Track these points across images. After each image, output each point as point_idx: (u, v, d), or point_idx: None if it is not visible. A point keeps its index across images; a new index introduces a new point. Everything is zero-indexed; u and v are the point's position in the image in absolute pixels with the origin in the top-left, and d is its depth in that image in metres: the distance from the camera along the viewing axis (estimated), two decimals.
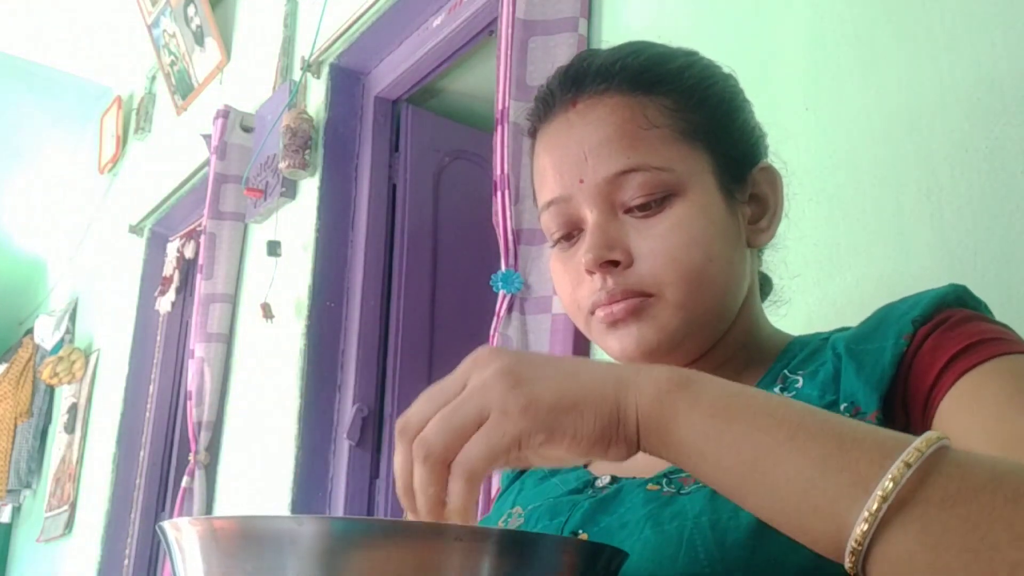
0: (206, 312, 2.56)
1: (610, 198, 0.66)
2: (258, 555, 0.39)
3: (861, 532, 0.38)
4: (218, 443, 2.50)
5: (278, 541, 0.38)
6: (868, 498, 0.38)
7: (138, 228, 3.50)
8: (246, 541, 0.39)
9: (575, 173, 0.67)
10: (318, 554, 0.38)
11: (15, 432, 4.20)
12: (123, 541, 3.07)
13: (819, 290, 1.06)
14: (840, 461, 0.40)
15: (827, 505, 0.39)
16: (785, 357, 0.67)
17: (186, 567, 0.42)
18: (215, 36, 3.08)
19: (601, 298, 0.65)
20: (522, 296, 1.44)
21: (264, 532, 0.39)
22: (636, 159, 0.65)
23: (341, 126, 2.38)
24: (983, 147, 0.95)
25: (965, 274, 0.93)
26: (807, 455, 0.41)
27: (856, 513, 0.38)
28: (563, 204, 0.68)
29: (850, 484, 0.39)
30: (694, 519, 0.54)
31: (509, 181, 1.45)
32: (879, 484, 0.38)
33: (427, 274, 2.33)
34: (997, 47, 0.96)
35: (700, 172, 0.67)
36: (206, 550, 0.40)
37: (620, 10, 1.50)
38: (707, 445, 0.44)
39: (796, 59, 1.17)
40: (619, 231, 0.66)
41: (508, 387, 0.45)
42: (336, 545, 0.38)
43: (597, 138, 0.66)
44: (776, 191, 0.72)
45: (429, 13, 2.17)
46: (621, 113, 0.67)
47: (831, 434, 0.41)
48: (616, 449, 0.46)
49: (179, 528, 0.42)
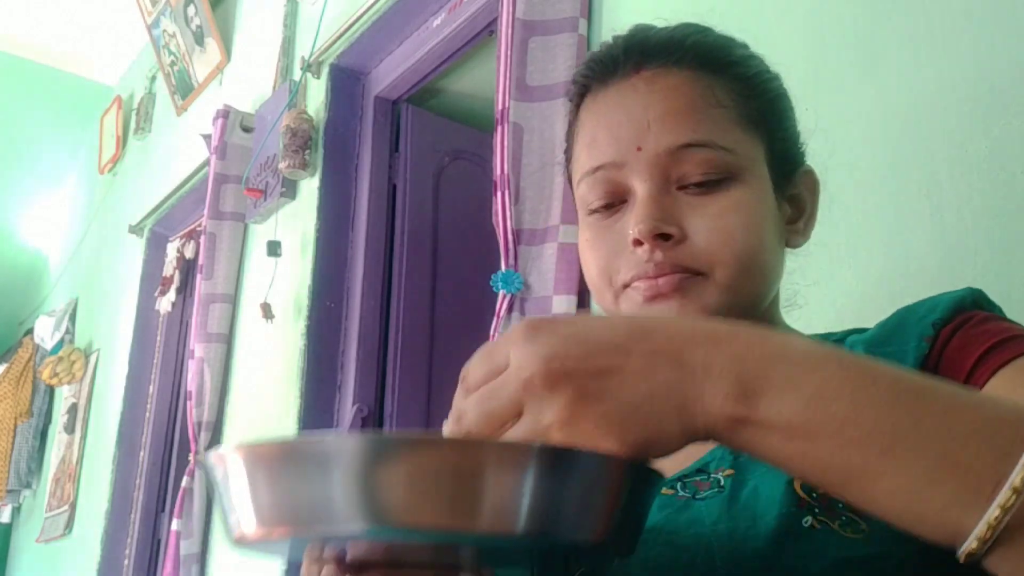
0: (206, 312, 2.56)
1: (666, 171, 0.63)
2: (303, 474, 0.40)
3: (977, 543, 0.36)
4: (218, 443, 2.49)
5: (322, 460, 0.40)
6: (988, 507, 0.36)
7: (138, 228, 3.50)
8: (291, 462, 0.40)
9: (634, 140, 0.64)
10: (358, 470, 0.39)
11: (15, 432, 4.19)
12: (123, 541, 3.07)
13: (819, 290, 1.06)
14: (949, 470, 0.37)
15: (939, 514, 0.37)
16: None
17: (232, 494, 0.43)
18: (215, 36, 3.08)
19: (648, 270, 0.62)
20: (522, 296, 1.44)
21: (308, 452, 0.40)
22: (703, 135, 0.63)
23: (341, 126, 2.38)
24: (983, 147, 0.95)
25: (965, 274, 0.93)
26: (909, 470, 0.37)
27: (973, 520, 0.36)
28: (612, 171, 0.65)
29: (963, 492, 0.36)
30: (711, 527, 0.53)
31: (509, 181, 1.45)
32: (1000, 494, 0.35)
33: (427, 274, 2.33)
34: (997, 47, 0.96)
35: (758, 161, 0.66)
36: (252, 474, 0.42)
37: (620, 10, 1.50)
38: (792, 465, 0.40)
39: (796, 59, 1.17)
40: (673, 206, 0.63)
41: (548, 386, 0.41)
42: (377, 459, 0.39)
43: (664, 107, 0.64)
44: (814, 196, 0.72)
45: (429, 13, 2.18)
46: (691, 87, 0.65)
47: (933, 436, 0.37)
48: (683, 452, 0.43)
49: (224, 457, 0.43)
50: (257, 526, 0.42)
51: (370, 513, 0.39)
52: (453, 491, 0.39)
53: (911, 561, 0.48)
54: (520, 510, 0.39)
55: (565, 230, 1.42)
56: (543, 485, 0.40)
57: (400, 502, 0.39)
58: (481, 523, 0.39)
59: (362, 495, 0.39)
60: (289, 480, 0.40)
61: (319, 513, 0.40)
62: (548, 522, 0.40)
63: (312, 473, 0.40)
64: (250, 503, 0.42)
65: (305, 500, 0.40)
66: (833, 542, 0.47)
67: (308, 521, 0.40)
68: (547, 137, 1.46)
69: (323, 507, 0.40)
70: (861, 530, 0.49)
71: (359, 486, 0.39)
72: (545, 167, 1.46)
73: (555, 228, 1.43)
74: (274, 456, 0.41)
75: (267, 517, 0.41)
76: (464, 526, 0.39)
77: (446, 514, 0.39)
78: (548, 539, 0.41)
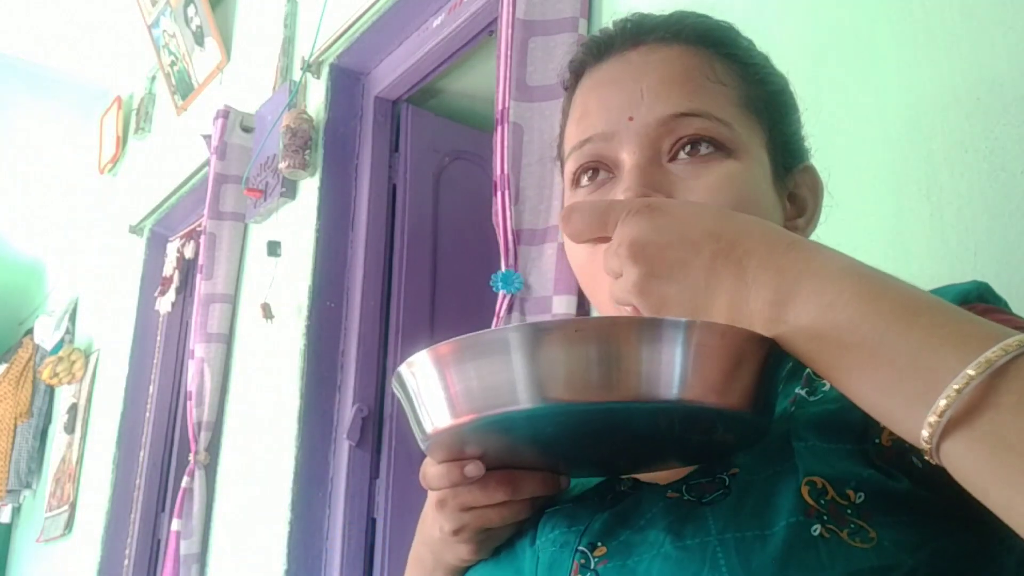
0: (206, 312, 2.56)
1: (657, 143, 0.61)
2: (485, 362, 0.47)
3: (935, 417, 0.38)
4: (218, 443, 2.50)
5: (500, 347, 0.46)
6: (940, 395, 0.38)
7: (138, 228, 3.50)
8: (473, 354, 0.47)
9: (625, 110, 0.62)
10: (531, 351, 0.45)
11: (15, 432, 4.20)
12: (123, 541, 3.07)
13: None
14: (915, 375, 0.40)
15: (902, 410, 0.41)
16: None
17: (428, 393, 0.49)
18: (215, 36, 3.08)
19: None
20: (522, 296, 1.44)
21: (487, 343, 0.47)
22: (698, 104, 0.61)
23: (341, 126, 2.38)
24: (983, 147, 0.95)
25: (965, 274, 0.93)
26: (886, 371, 0.42)
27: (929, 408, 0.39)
28: (600, 144, 0.63)
29: (926, 389, 0.39)
30: (718, 535, 0.51)
31: (509, 181, 1.45)
32: (981, 356, 0.38)
33: (427, 274, 2.33)
34: (997, 47, 0.96)
35: (756, 143, 0.63)
36: (442, 370, 0.48)
37: (620, 10, 1.50)
38: (807, 359, 0.46)
39: (796, 59, 1.17)
40: (663, 177, 0.61)
41: (630, 259, 0.50)
42: (537, 341, 0.45)
43: (659, 76, 0.62)
44: (816, 195, 0.70)
45: (429, 13, 2.18)
46: (689, 59, 0.63)
47: (911, 349, 0.41)
48: None
49: (414, 363, 0.49)
50: (452, 416, 0.48)
51: (542, 392, 0.45)
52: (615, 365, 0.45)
53: (920, 571, 0.47)
54: (672, 378, 0.45)
55: None
56: (692, 354, 0.46)
57: (568, 379, 0.45)
58: (644, 389, 0.45)
59: (535, 376, 0.45)
60: (472, 370, 0.47)
61: (502, 393, 0.46)
62: (698, 388, 0.46)
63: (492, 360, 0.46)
64: (442, 398, 0.48)
65: (487, 385, 0.46)
66: (842, 553, 0.47)
67: (493, 403, 0.46)
68: (547, 137, 1.46)
69: (504, 390, 0.46)
70: (870, 539, 0.48)
71: (532, 368, 0.45)
72: (545, 167, 1.46)
73: (555, 228, 1.43)
74: (458, 352, 0.48)
75: (453, 406, 0.48)
76: (625, 395, 0.45)
77: (605, 386, 0.45)
78: (699, 403, 0.46)
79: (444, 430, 0.49)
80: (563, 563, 0.57)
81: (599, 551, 0.56)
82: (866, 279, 0.45)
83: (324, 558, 2.10)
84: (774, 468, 0.53)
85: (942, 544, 0.49)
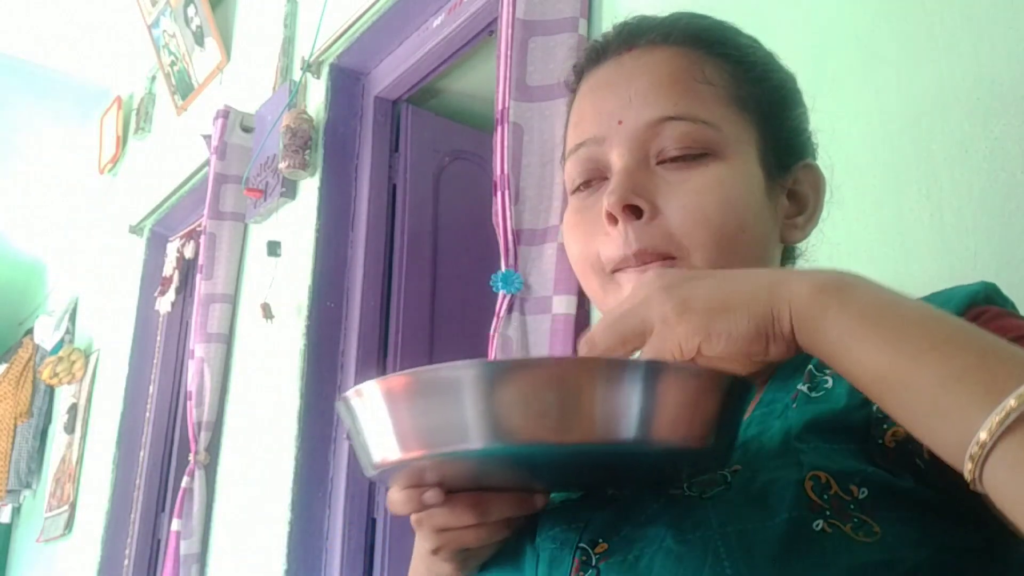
0: (206, 312, 2.56)
1: (645, 146, 0.63)
2: (433, 399, 0.45)
3: (984, 436, 0.38)
4: (218, 443, 2.50)
5: (452, 385, 0.45)
6: (998, 406, 0.38)
7: (138, 228, 3.50)
8: (426, 389, 0.46)
9: (615, 114, 0.63)
10: (483, 391, 0.44)
11: (15, 432, 4.19)
12: (123, 541, 3.07)
13: None
14: (979, 373, 0.40)
15: (957, 410, 0.40)
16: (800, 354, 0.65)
17: (377, 425, 0.47)
18: (215, 36, 3.08)
19: (627, 259, 0.61)
20: (522, 296, 1.44)
21: (438, 380, 0.45)
22: (683, 108, 0.62)
23: (341, 126, 2.38)
24: (983, 147, 0.95)
25: (965, 274, 0.93)
26: (947, 364, 0.41)
27: (984, 419, 0.39)
28: (593, 147, 0.64)
29: (984, 393, 0.39)
30: (719, 528, 0.52)
31: (509, 181, 1.45)
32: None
33: (427, 274, 2.33)
34: (997, 47, 0.96)
35: (746, 142, 0.64)
36: (391, 402, 0.47)
37: (620, 10, 1.50)
38: (853, 343, 0.45)
39: (796, 59, 1.17)
40: (649, 180, 0.62)
41: (666, 298, 0.48)
42: (498, 381, 0.44)
43: (647, 81, 0.63)
44: (817, 193, 0.70)
45: (429, 13, 2.17)
46: (677, 61, 0.64)
47: (976, 347, 0.42)
48: (775, 346, 0.48)
49: (363, 392, 0.48)
50: (400, 450, 0.47)
51: (495, 432, 0.44)
52: (571, 406, 0.44)
53: (924, 567, 0.47)
54: (629, 418, 0.45)
55: None
56: (648, 396, 0.45)
57: (523, 419, 0.44)
58: (599, 432, 0.44)
59: (489, 415, 0.44)
60: (423, 406, 0.45)
61: (449, 434, 0.45)
62: (654, 430, 0.45)
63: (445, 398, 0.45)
64: (391, 431, 0.47)
65: (439, 423, 0.45)
66: (845, 547, 0.47)
67: (439, 443, 0.45)
68: (547, 137, 1.46)
69: (453, 427, 0.45)
70: (873, 533, 0.48)
71: (486, 407, 0.44)
72: (545, 167, 1.46)
73: (555, 228, 1.43)
74: (410, 386, 0.46)
75: (403, 441, 0.46)
76: (581, 438, 0.44)
77: (561, 428, 0.44)
78: (654, 446, 0.46)
79: (393, 463, 0.48)
80: (563, 561, 0.57)
81: (600, 547, 0.56)
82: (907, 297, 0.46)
83: (324, 558, 2.10)
84: (776, 464, 0.53)
85: (946, 540, 0.49)
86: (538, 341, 1.40)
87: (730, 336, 0.47)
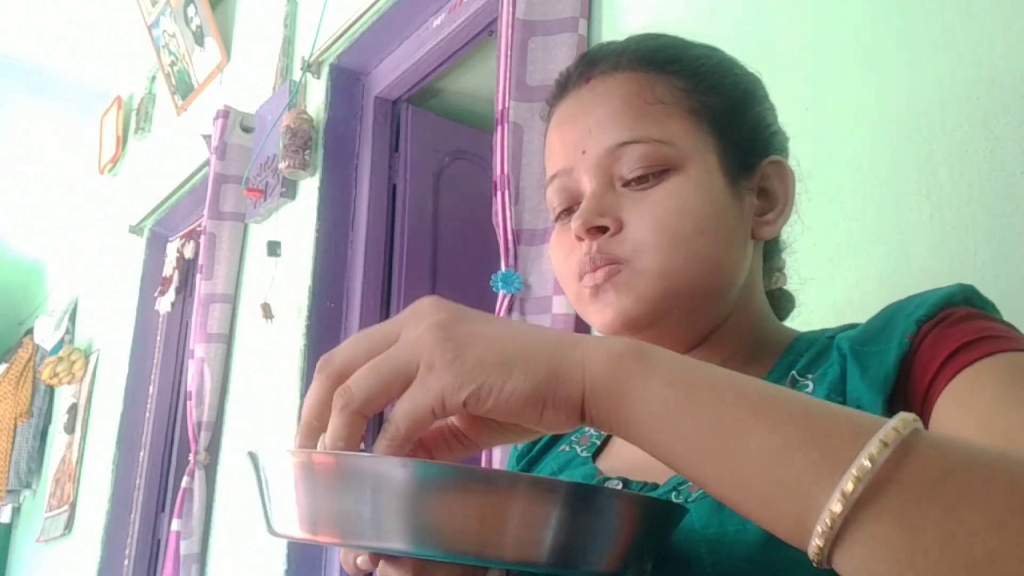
0: (206, 312, 2.56)
1: (609, 170, 0.67)
2: (346, 488, 0.43)
3: (834, 513, 0.35)
4: (218, 443, 2.50)
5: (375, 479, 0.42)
6: (841, 476, 0.36)
7: (138, 228, 3.51)
8: (339, 475, 0.43)
9: (579, 144, 0.68)
10: (402, 491, 0.42)
11: (15, 432, 4.19)
12: (123, 541, 3.07)
13: (819, 290, 1.06)
14: (810, 436, 0.38)
15: (793, 482, 0.37)
16: (791, 354, 0.66)
17: (287, 498, 0.45)
18: (215, 36, 3.08)
19: (586, 265, 0.65)
20: (522, 296, 1.44)
21: (357, 469, 0.43)
22: (638, 132, 0.66)
23: (341, 126, 2.38)
24: (983, 147, 0.95)
25: (965, 274, 0.93)
26: (774, 429, 0.38)
27: (827, 493, 0.36)
28: (565, 177, 0.69)
29: (820, 460, 0.37)
30: (700, 531, 0.53)
31: (509, 181, 1.45)
32: (854, 463, 0.36)
33: (427, 274, 2.33)
34: (997, 47, 0.96)
35: (703, 151, 0.67)
36: (299, 479, 0.44)
37: (620, 10, 1.50)
38: (664, 416, 0.41)
39: (796, 59, 1.17)
40: (614, 201, 0.66)
41: (437, 341, 0.43)
42: (419, 485, 0.42)
43: (602, 111, 0.67)
44: (786, 186, 0.72)
45: (429, 13, 2.18)
46: (628, 87, 0.68)
47: (800, 410, 0.39)
48: (553, 413, 0.43)
49: (276, 459, 0.45)
50: (301, 530, 0.44)
51: (410, 535, 0.42)
52: (489, 523, 0.42)
53: None
54: (545, 543, 0.43)
55: None
56: (567, 519, 0.43)
57: (441, 528, 0.42)
58: (510, 553, 0.42)
59: (406, 518, 0.42)
60: (340, 493, 0.43)
61: (363, 528, 0.42)
62: (570, 554, 0.43)
63: (361, 490, 0.42)
64: (296, 507, 0.44)
65: (352, 515, 0.42)
66: None
67: (350, 534, 0.43)
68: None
69: (369, 523, 0.42)
70: None
71: (404, 509, 0.41)
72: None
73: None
74: (329, 468, 0.43)
75: (314, 523, 0.44)
76: (494, 555, 0.42)
77: (478, 543, 0.42)
78: (569, 569, 0.44)
79: (296, 539, 0.45)
80: None
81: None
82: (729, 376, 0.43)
83: (324, 558, 2.10)
84: None
85: None
86: None
87: (501, 394, 0.42)
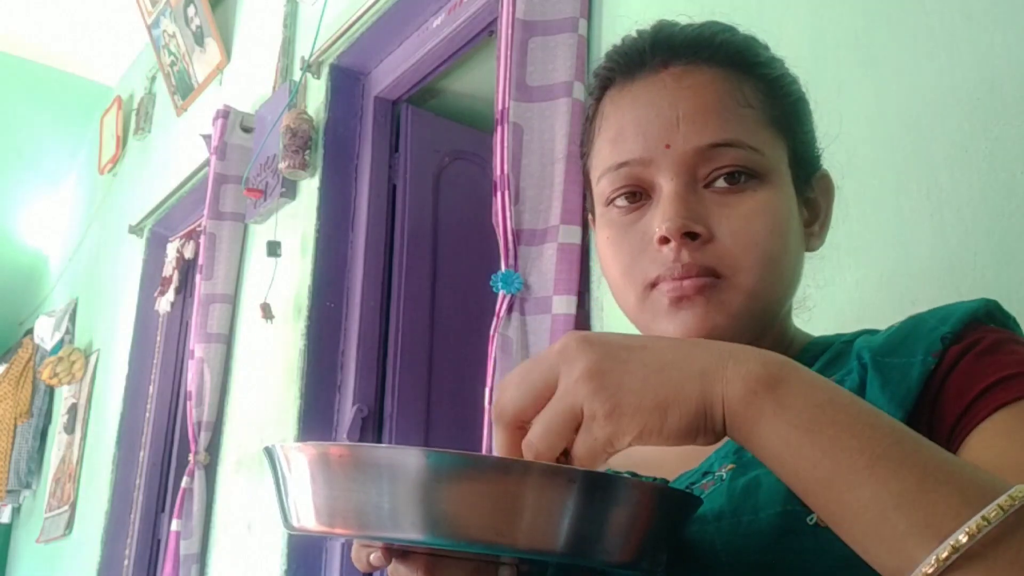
0: (206, 312, 2.56)
1: (694, 170, 0.63)
2: (362, 479, 0.43)
3: (930, 571, 0.38)
4: (218, 443, 2.50)
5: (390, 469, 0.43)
6: (939, 545, 0.38)
7: (138, 228, 3.50)
8: (356, 466, 0.44)
9: (662, 137, 0.64)
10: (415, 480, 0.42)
11: (15, 432, 4.19)
12: (123, 541, 3.07)
13: (819, 291, 1.06)
14: (918, 499, 0.40)
15: (895, 540, 0.40)
16: (805, 357, 0.66)
17: (303, 490, 0.46)
18: (215, 36, 3.08)
19: (674, 271, 0.62)
20: (522, 296, 1.44)
21: (378, 460, 0.43)
22: (732, 134, 0.63)
23: (341, 126, 2.38)
24: (983, 147, 0.95)
25: (965, 274, 0.93)
26: (885, 486, 0.41)
27: (923, 555, 0.39)
28: (638, 167, 0.65)
29: (923, 525, 0.39)
30: (714, 522, 0.54)
31: (509, 181, 1.45)
32: (954, 535, 0.38)
33: (427, 274, 2.33)
34: (997, 47, 0.96)
35: (782, 163, 0.66)
36: (316, 472, 0.45)
37: (620, 10, 1.50)
38: (787, 454, 0.44)
39: (796, 59, 1.17)
40: (700, 204, 0.63)
41: (594, 392, 0.46)
42: (435, 474, 0.42)
43: (694, 105, 0.64)
44: (829, 200, 0.72)
45: (429, 13, 2.17)
46: (720, 85, 0.65)
47: (914, 468, 0.41)
48: (703, 439, 0.47)
49: (293, 452, 0.46)
50: (317, 522, 0.45)
51: (426, 524, 0.42)
52: (504, 511, 0.43)
53: None
54: (560, 532, 0.43)
55: (565, 230, 1.42)
56: (583, 508, 0.44)
57: (456, 517, 0.42)
58: (524, 541, 0.43)
59: (422, 507, 0.42)
60: (356, 484, 0.43)
61: (379, 518, 0.43)
62: (585, 544, 0.44)
63: (378, 481, 0.43)
64: (313, 500, 0.45)
65: (368, 505, 0.43)
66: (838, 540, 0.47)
67: (367, 525, 0.44)
68: (547, 137, 1.46)
69: (385, 513, 0.43)
70: None
71: (420, 498, 0.42)
72: (545, 167, 1.46)
73: (555, 228, 1.43)
74: (345, 459, 0.44)
75: (331, 515, 0.44)
76: (508, 543, 0.43)
77: (493, 531, 0.43)
78: (583, 559, 0.45)
79: (314, 532, 0.46)
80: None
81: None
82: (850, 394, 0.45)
83: (324, 558, 2.10)
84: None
85: None
86: (538, 341, 1.40)
87: (661, 434, 0.46)
